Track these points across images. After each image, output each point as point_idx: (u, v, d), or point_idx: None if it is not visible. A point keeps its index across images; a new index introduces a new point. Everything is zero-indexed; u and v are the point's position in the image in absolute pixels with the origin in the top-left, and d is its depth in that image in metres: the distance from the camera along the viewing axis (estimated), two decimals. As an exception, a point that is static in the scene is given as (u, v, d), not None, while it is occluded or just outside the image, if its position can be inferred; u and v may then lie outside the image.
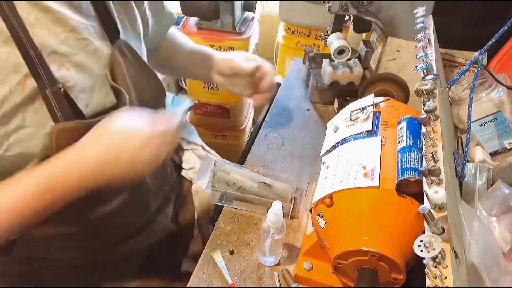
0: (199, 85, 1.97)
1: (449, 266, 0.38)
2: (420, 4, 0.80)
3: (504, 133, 0.91)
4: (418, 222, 0.52)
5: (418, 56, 0.64)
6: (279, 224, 0.66)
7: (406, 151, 0.58)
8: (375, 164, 0.58)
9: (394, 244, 0.54)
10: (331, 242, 0.60)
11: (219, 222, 0.79)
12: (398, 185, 0.55)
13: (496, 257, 0.60)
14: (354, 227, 0.57)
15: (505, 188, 0.72)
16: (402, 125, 0.62)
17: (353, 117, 0.69)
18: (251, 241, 0.75)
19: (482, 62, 0.72)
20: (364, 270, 0.56)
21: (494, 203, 0.72)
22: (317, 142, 0.98)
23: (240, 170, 0.85)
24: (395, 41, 0.98)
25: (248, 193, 0.80)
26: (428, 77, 0.60)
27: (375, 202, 0.56)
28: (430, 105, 0.54)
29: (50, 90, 0.58)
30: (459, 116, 0.97)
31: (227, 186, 0.81)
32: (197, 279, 0.69)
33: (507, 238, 0.67)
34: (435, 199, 0.42)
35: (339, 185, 0.59)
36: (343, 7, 0.94)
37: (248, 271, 0.70)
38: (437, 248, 0.38)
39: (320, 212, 0.61)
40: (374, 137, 0.64)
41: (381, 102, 0.71)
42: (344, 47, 0.96)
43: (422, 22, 0.73)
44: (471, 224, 0.62)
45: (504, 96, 0.91)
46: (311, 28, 1.74)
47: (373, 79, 0.83)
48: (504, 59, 0.98)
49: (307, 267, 0.68)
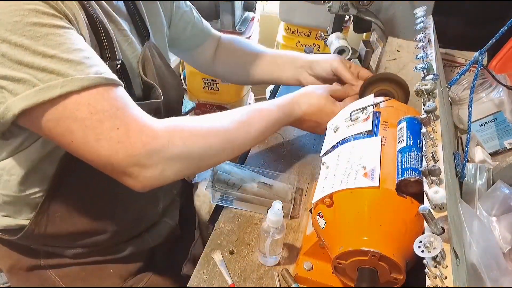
0: (199, 85, 1.98)
1: (449, 266, 0.38)
2: (420, 4, 0.80)
3: (504, 133, 0.91)
4: (418, 222, 0.52)
5: (418, 56, 0.64)
6: (279, 224, 0.66)
7: (406, 151, 0.58)
8: (375, 164, 0.58)
9: (394, 244, 0.54)
10: (331, 242, 0.60)
11: (219, 222, 0.79)
12: (398, 185, 0.55)
13: (496, 257, 0.60)
14: (354, 227, 0.57)
15: (505, 188, 0.72)
16: (402, 125, 0.62)
17: (353, 117, 0.69)
18: (251, 241, 0.75)
19: (482, 62, 0.72)
20: (364, 270, 0.56)
21: (494, 203, 0.72)
22: (317, 142, 0.98)
23: (240, 170, 0.85)
24: (395, 41, 0.98)
25: (248, 193, 0.80)
26: (428, 77, 0.60)
27: (375, 202, 0.56)
28: (430, 105, 0.54)
29: (109, 63, 0.63)
30: (459, 116, 0.97)
31: (227, 186, 0.81)
32: (197, 279, 0.69)
33: (507, 238, 0.67)
34: (435, 199, 0.42)
35: (339, 185, 0.59)
36: (343, 7, 0.95)
37: (248, 271, 0.71)
38: (437, 248, 0.38)
39: (320, 212, 0.61)
40: (374, 137, 0.64)
41: (381, 102, 0.71)
42: (344, 47, 0.96)
43: (422, 22, 0.73)
44: (471, 224, 0.62)
45: (504, 96, 0.91)
46: (311, 28, 1.74)
47: (373, 79, 0.83)
48: (504, 59, 0.98)
49: (307, 267, 0.68)
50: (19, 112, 0.52)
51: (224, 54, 1.02)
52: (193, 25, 0.94)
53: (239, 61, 1.01)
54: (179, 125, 0.62)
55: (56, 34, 0.53)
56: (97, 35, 0.63)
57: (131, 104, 0.59)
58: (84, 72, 0.53)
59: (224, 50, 1.02)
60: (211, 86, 1.94)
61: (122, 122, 0.55)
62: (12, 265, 0.80)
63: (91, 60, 0.55)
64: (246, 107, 0.75)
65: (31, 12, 0.52)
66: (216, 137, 0.66)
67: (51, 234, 0.74)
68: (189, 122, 0.65)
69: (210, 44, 1.00)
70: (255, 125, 0.72)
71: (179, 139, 0.60)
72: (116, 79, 0.58)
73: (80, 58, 0.54)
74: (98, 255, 0.81)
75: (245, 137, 0.71)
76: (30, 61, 0.52)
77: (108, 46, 0.64)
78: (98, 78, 0.54)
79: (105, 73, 0.56)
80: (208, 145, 0.64)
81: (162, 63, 0.79)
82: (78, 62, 0.54)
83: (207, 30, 0.99)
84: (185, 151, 0.61)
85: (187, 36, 0.93)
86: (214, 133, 0.66)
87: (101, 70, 0.56)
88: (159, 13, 0.83)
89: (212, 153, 0.65)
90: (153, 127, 0.58)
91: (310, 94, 0.82)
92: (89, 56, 0.56)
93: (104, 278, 0.82)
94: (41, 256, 0.79)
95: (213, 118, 0.68)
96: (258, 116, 0.74)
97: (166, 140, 0.58)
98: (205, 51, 1.00)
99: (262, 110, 0.75)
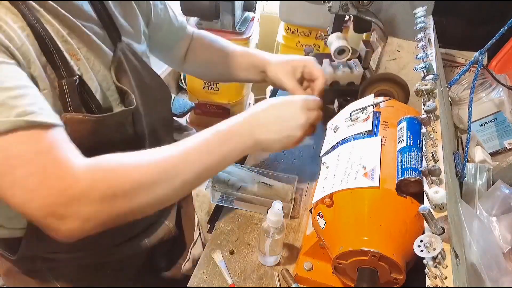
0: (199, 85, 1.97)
1: (449, 266, 0.38)
2: (420, 4, 0.80)
3: (504, 133, 0.91)
4: (418, 222, 0.52)
5: (418, 56, 0.64)
6: (279, 224, 0.66)
7: (406, 151, 0.58)
8: (375, 164, 0.58)
9: (394, 244, 0.54)
10: (331, 242, 0.60)
11: (219, 222, 0.79)
12: (398, 185, 0.55)
13: (496, 257, 0.60)
14: (354, 227, 0.57)
15: (505, 188, 0.72)
16: (402, 125, 0.62)
17: (353, 117, 0.69)
18: (251, 241, 0.75)
19: (482, 62, 0.72)
20: (364, 270, 0.56)
21: (494, 203, 0.72)
22: (317, 142, 0.98)
23: (240, 170, 0.85)
24: (395, 41, 0.98)
25: (248, 193, 0.80)
26: (428, 77, 0.60)
27: (375, 202, 0.56)
28: (430, 105, 0.54)
29: (66, 80, 0.60)
30: (459, 116, 0.97)
31: (227, 186, 0.81)
32: (197, 279, 0.69)
33: (507, 238, 0.67)
34: (435, 199, 0.42)
35: (339, 185, 0.59)
36: (343, 7, 0.94)
37: (248, 271, 0.71)
38: (437, 248, 0.38)
39: (320, 212, 0.61)
40: (374, 137, 0.64)
41: (381, 102, 0.71)
42: (344, 47, 0.96)
43: (422, 22, 0.73)
44: (471, 224, 0.62)
45: (504, 96, 0.91)
46: (311, 28, 1.74)
47: (373, 79, 0.83)
48: (504, 59, 0.98)
49: (307, 267, 0.68)
50: None
51: (194, 50, 0.98)
52: (169, 23, 0.91)
53: (209, 57, 0.97)
54: (105, 162, 0.55)
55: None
56: (47, 53, 0.59)
57: (59, 146, 0.53)
58: (3, 115, 0.50)
59: (194, 46, 0.98)
60: (211, 86, 1.94)
61: (38, 169, 0.50)
62: (8, 268, 0.79)
63: (17, 100, 0.51)
64: (191, 139, 0.62)
65: None
66: (148, 170, 0.56)
67: (45, 249, 0.74)
68: (118, 157, 0.56)
69: (185, 41, 0.97)
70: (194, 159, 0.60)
71: (102, 179, 0.53)
72: (46, 120, 0.53)
73: (3, 99, 0.50)
74: (95, 258, 0.80)
75: (193, 166, 0.59)
76: None
77: (62, 63, 0.61)
78: (18, 121, 0.50)
79: (33, 114, 0.51)
80: (137, 181, 0.54)
81: (138, 64, 0.75)
82: (0, 103, 0.50)
83: (183, 27, 0.95)
84: (110, 192, 0.52)
85: (163, 34, 0.90)
86: (145, 166, 0.56)
87: (29, 110, 0.51)
88: (137, 15, 0.80)
89: (145, 189, 0.55)
90: (74, 171, 0.51)
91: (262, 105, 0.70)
92: (16, 95, 0.51)
93: (102, 279, 0.82)
94: (38, 260, 0.78)
95: (152, 150, 0.59)
96: (201, 149, 0.62)
97: (87, 183, 0.51)
98: (180, 48, 0.97)
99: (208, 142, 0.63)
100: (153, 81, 0.79)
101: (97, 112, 0.66)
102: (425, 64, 0.62)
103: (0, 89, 0.51)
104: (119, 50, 0.72)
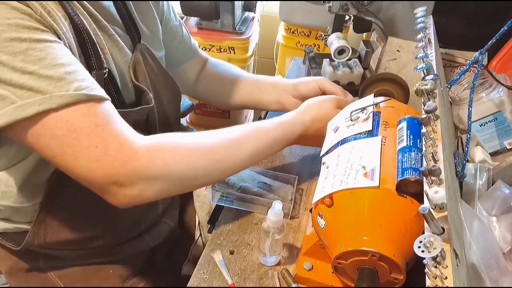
0: (199, 85, 1.97)
1: (449, 266, 0.38)
2: (420, 4, 0.80)
3: (504, 133, 0.91)
4: (418, 222, 0.52)
5: (418, 56, 0.64)
6: (279, 224, 0.66)
7: (406, 151, 0.58)
8: (375, 164, 0.58)
9: (394, 244, 0.54)
10: (331, 242, 0.60)
11: (219, 222, 0.79)
12: (398, 185, 0.55)
13: (496, 257, 0.60)
14: (354, 227, 0.57)
15: (505, 188, 0.72)
16: (402, 125, 0.62)
17: (353, 117, 0.69)
18: (251, 241, 0.75)
19: (482, 62, 0.72)
20: (364, 270, 0.56)
21: (494, 203, 0.72)
22: (317, 142, 0.98)
23: (240, 170, 0.85)
24: (395, 41, 0.98)
25: (248, 193, 0.80)
26: (428, 77, 0.60)
27: (375, 202, 0.56)
28: (430, 105, 0.54)
29: (96, 72, 0.63)
30: (459, 116, 0.97)
31: (227, 186, 0.81)
32: (197, 279, 0.69)
33: (507, 238, 0.67)
34: (435, 199, 0.42)
35: (339, 185, 0.59)
36: (343, 7, 0.94)
37: (248, 271, 0.71)
38: (437, 248, 0.38)
39: (320, 212, 0.61)
40: (374, 137, 0.64)
41: (381, 102, 0.71)
42: (344, 47, 0.96)
43: (422, 22, 0.73)
44: (471, 224, 0.62)
45: (504, 96, 0.91)
46: (311, 28, 1.74)
47: (373, 79, 0.83)
48: (504, 59, 0.98)
49: (307, 267, 0.68)
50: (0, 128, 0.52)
51: (207, 77, 0.99)
52: (180, 40, 0.92)
53: (221, 84, 0.98)
54: (162, 143, 0.60)
55: (36, 49, 0.52)
56: (82, 45, 0.62)
57: (114, 119, 0.57)
58: (64, 88, 0.52)
59: (209, 72, 0.99)
60: (211, 86, 1.94)
61: (101, 140, 0.54)
62: (11, 266, 0.80)
63: (73, 75, 0.54)
64: (243, 126, 0.70)
65: (10, 27, 0.51)
66: (202, 158, 0.62)
67: (51, 242, 0.74)
68: (175, 139, 0.62)
69: (195, 64, 0.98)
70: (248, 144, 0.68)
71: (160, 159, 0.58)
72: (100, 94, 0.56)
73: (61, 74, 0.53)
74: (98, 257, 0.81)
75: (236, 158, 0.66)
76: (8, 78, 0.51)
77: (94, 55, 0.63)
78: (78, 94, 0.53)
79: (87, 88, 0.54)
80: (192, 167, 0.61)
81: (154, 65, 0.78)
82: (58, 78, 0.52)
83: (194, 49, 0.97)
84: (166, 172, 0.59)
85: (173, 49, 0.91)
86: (200, 153, 0.62)
87: (84, 85, 0.54)
88: (157, 23, 0.82)
89: (196, 174, 0.62)
90: (133, 146, 0.56)
91: (313, 108, 0.78)
92: (71, 70, 0.54)
93: (104, 279, 0.82)
94: (41, 257, 0.78)
95: (202, 136, 0.65)
96: (254, 135, 0.69)
97: (146, 160, 0.56)
98: (188, 70, 0.97)
99: (260, 129, 0.71)
100: (167, 82, 0.82)
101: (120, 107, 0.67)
102: (425, 64, 0.62)
103: (58, 65, 0.53)
104: (138, 50, 0.74)
